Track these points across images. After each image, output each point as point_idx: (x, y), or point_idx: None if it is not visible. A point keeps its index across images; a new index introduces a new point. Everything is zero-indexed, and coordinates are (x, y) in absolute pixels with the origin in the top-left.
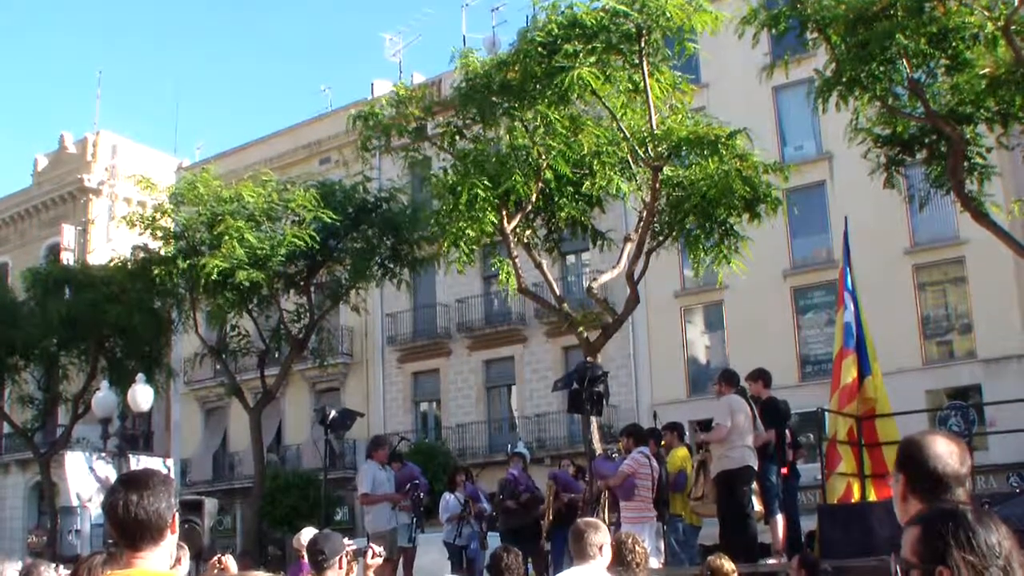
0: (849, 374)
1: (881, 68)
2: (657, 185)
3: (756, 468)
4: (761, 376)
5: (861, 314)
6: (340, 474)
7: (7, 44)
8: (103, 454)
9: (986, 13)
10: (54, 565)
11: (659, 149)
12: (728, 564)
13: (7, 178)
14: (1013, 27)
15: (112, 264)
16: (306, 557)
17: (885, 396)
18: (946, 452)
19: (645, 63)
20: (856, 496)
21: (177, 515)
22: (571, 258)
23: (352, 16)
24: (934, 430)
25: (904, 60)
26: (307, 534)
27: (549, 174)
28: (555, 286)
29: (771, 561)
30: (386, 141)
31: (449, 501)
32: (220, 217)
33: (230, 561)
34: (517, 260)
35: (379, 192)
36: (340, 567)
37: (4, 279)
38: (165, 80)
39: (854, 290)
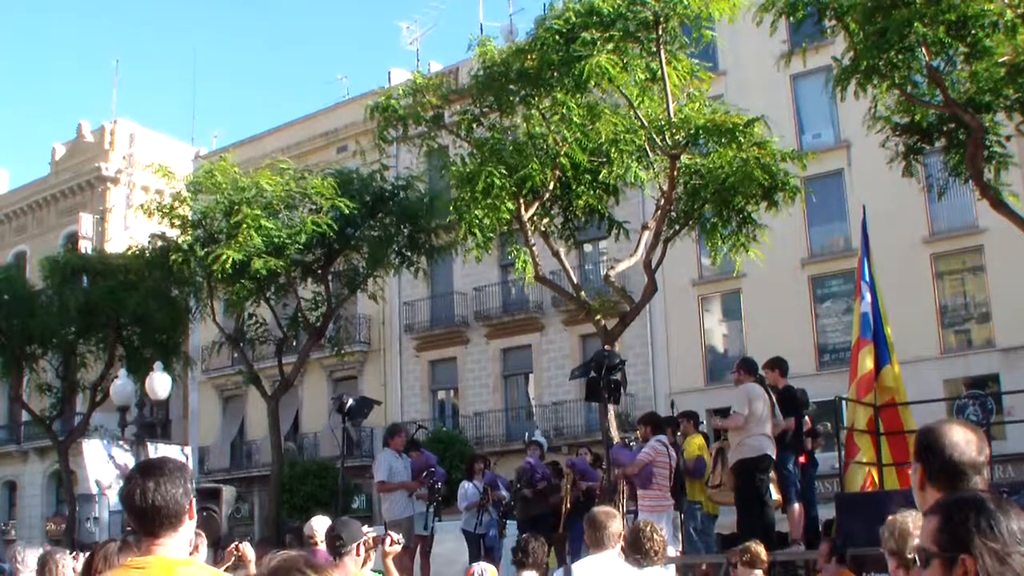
0: (865, 365)
1: (899, 56)
2: (675, 173)
3: (774, 456)
4: (778, 365)
5: (880, 304)
6: (357, 462)
7: (24, 33)
8: (121, 442)
9: (1005, 0)
10: (72, 553)
11: (676, 137)
12: (764, 551)
13: (25, 167)
14: None
15: (130, 252)
16: (323, 544)
17: (903, 386)
18: (963, 441)
19: (662, 51)
20: (875, 485)
21: (194, 501)
22: (588, 247)
23: (369, 4)
24: (951, 419)
25: (923, 48)
26: (318, 522)
27: (566, 162)
28: (572, 274)
29: (788, 550)
30: (403, 130)
31: (468, 489)
32: (238, 205)
33: (247, 548)
34: (534, 248)
35: (396, 180)
36: (358, 554)
37: (22, 268)
38: (182, 69)
39: (872, 280)
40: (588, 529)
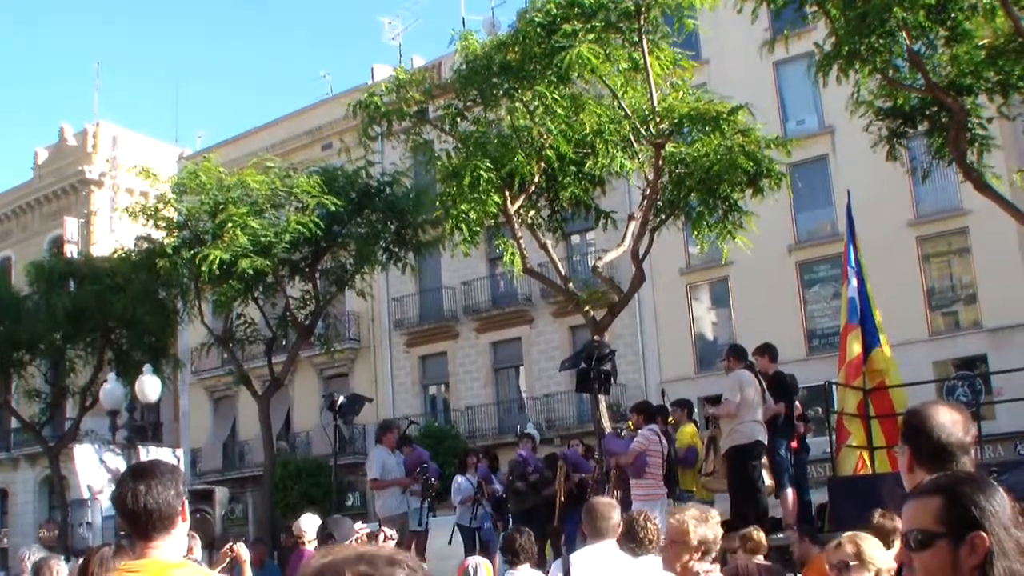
0: (853, 350)
1: (880, 41)
2: (660, 162)
3: (766, 443)
4: (767, 350)
5: (867, 288)
6: (350, 460)
7: (4, 37)
8: (112, 446)
9: None
10: (64, 558)
11: (661, 126)
12: (764, 537)
13: (8, 172)
14: None
15: (116, 255)
16: (312, 543)
17: (895, 367)
18: (950, 421)
19: (645, 41)
20: (867, 468)
21: (187, 503)
22: (576, 238)
23: (350, 0)
24: (937, 400)
25: (903, 32)
26: (307, 520)
27: (551, 154)
28: (560, 266)
29: (782, 535)
30: (387, 126)
31: (461, 484)
32: (223, 205)
33: (242, 549)
34: (522, 241)
35: (382, 176)
36: None
37: (8, 273)
38: (163, 70)
39: (859, 265)
40: (588, 519)
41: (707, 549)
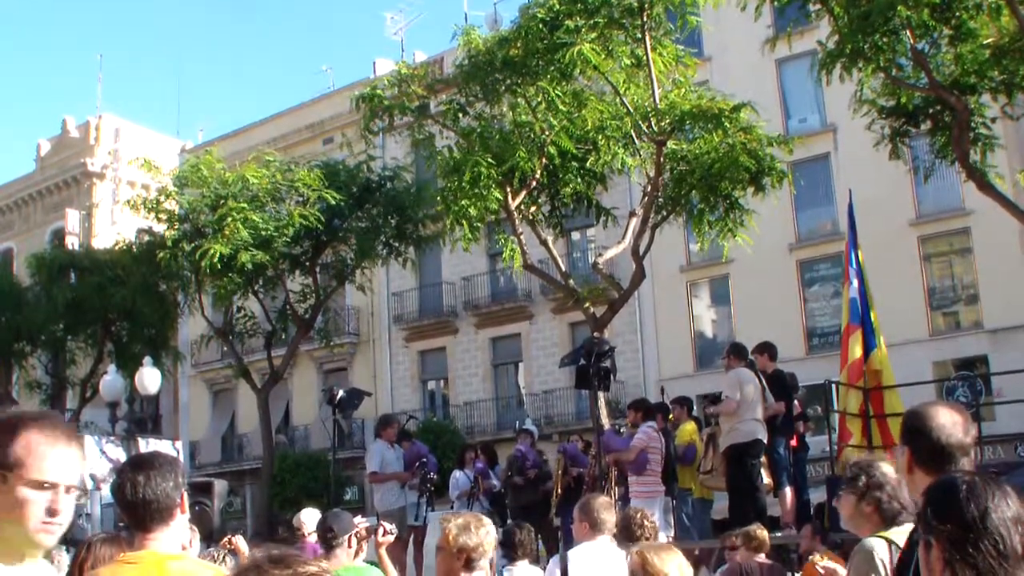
0: (855, 351)
1: (884, 39)
2: (661, 159)
3: (765, 441)
4: (767, 349)
5: (867, 289)
6: (349, 454)
7: (7, 29)
8: (112, 437)
9: None
10: (64, 549)
11: (663, 123)
12: (767, 535)
13: (10, 163)
14: None
15: (117, 248)
16: (313, 535)
17: (889, 369)
18: (950, 423)
19: (647, 37)
20: None
21: (186, 495)
22: (576, 234)
23: None
24: (937, 401)
25: (907, 31)
26: (308, 514)
27: (553, 150)
28: (560, 262)
29: (780, 533)
30: (389, 121)
31: (459, 479)
32: (223, 199)
33: (240, 542)
34: (522, 237)
35: (383, 171)
36: (350, 545)
37: (9, 265)
38: (166, 63)
39: (860, 267)
40: (584, 515)
41: (470, 558)
